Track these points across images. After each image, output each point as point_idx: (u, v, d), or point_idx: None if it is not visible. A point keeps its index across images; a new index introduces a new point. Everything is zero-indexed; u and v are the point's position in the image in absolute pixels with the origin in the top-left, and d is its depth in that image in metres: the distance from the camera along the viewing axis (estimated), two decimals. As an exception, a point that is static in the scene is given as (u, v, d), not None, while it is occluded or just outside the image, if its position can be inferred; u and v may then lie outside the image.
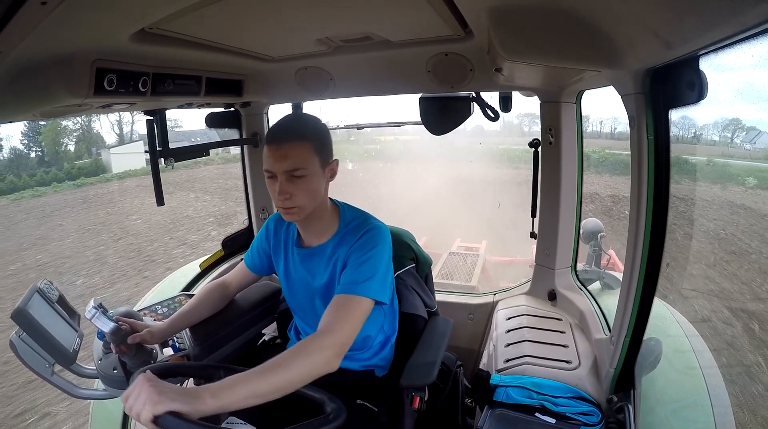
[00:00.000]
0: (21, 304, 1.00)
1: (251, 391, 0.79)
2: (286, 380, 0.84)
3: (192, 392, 0.77)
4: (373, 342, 1.21)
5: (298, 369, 0.85)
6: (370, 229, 1.07)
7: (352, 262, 1.04)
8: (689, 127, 15.07)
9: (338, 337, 0.92)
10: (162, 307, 1.39)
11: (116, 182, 16.18)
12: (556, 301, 1.63)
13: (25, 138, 22.95)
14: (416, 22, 1.10)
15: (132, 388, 0.76)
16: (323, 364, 0.88)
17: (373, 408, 1.14)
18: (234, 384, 0.80)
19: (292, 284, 1.22)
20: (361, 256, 1.04)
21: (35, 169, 20.99)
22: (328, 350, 0.89)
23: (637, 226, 0.92)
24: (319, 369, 0.88)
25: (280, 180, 1.01)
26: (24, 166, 21.64)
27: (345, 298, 0.99)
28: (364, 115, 3.29)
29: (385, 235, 1.09)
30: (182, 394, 0.75)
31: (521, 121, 18.21)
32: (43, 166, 21.35)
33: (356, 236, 1.07)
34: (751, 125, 17.13)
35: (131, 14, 0.79)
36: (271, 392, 0.82)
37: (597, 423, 1.07)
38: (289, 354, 0.87)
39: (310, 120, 1.09)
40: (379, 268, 1.03)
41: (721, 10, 0.45)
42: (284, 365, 0.84)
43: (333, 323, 0.94)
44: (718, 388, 1.10)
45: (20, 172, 19.95)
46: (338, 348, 0.91)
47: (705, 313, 5.00)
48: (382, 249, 1.06)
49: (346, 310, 0.97)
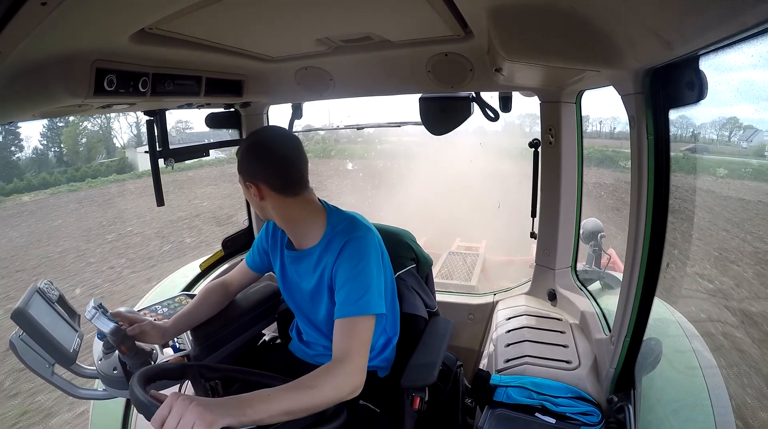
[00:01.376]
0: (21, 305, 0.99)
1: (284, 408, 0.81)
2: (315, 401, 0.85)
3: (233, 404, 0.77)
4: (375, 344, 1.21)
5: (328, 392, 0.87)
6: (350, 239, 1.06)
7: (342, 280, 1.04)
8: (687, 126, 15.46)
9: (359, 364, 0.94)
10: (162, 307, 1.39)
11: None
12: (556, 301, 1.63)
13: (44, 138, 23.85)
14: (416, 22, 1.10)
15: (166, 410, 0.72)
16: (351, 390, 0.91)
17: (375, 409, 1.14)
18: (268, 399, 0.81)
19: (288, 285, 1.23)
20: (350, 272, 1.03)
21: (55, 167, 22.06)
22: (356, 378, 0.92)
23: (637, 226, 0.92)
24: (345, 394, 0.90)
25: None
26: (45, 165, 22.55)
27: (349, 321, 1.00)
28: (365, 115, 3.30)
29: (368, 242, 1.07)
30: (228, 407, 0.75)
31: (522, 122, 18.41)
32: (62, 166, 22.43)
33: (340, 245, 1.06)
34: (748, 124, 17.66)
35: (131, 14, 0.79)
36: (300, 411, 0.84)
37: (597, 423, 1.07)
38: (319, 377, 0.88)
39: (248, 139, 1.15)
40: (372, 280, 1.03)
41: (721, 10, 0.45)
42: (316, 387, 0.86)
43: (350, 350, 0.95)
44: (718, 388, 1.10)
45: (41, 170, 21.12)
46: (362, 375, 0.93)
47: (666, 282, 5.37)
48: (369, 259, 1.05)
49: (354, 333, 0.98)
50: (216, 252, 1.94)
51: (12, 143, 21.99)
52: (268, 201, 1.08)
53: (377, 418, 1.14)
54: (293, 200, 1.09)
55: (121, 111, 1.45)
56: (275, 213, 1.11)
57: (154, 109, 1.46)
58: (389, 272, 1.21)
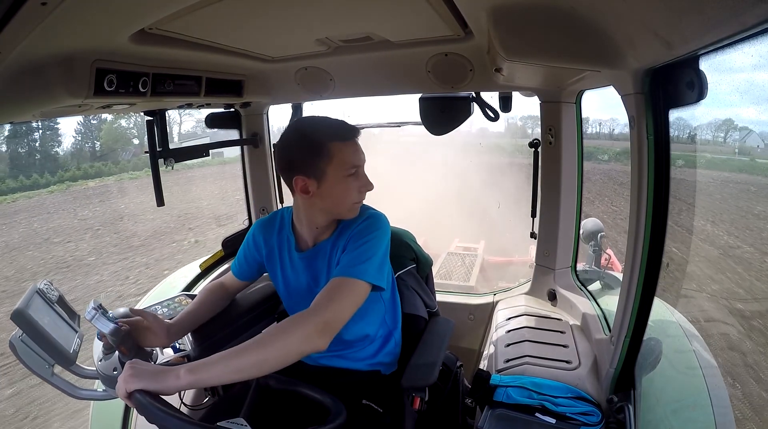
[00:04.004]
0: (20, 305, 0.99)
1: (229, 366, 0.82)
2: (264, 357, 0.84)
3: (166, 370, 0.81)
4: (375, 337, 1.20)
5: (278, 346, 0.85)
6: (369, 216, 1.09)
7: (350, 247, 1.04)
8: (682, 127, 16.17)
9: (322, 314, 0.90)
10: (162, 308, 1.39)
11: (197, 169, 19.24)
12: (556, 301, 1.63)
13: (78, 134, 26.54)
14: (416, 22, 1.10)
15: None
16: (302, 340, 0.86)
17: (378, 409, 1.13)
18: (213, 360, 0.82)
19: (292, 290, 1.20)
20: (359, 240, 1.03)
21: (91, 161, 24.05)
22: (309, 327, 0.88)
23: (637, 226, 0.92)
24: (299, 346, 0.86)
25: (361, 173, 1.06)
26: (82, 159, 24.78)
27: (339, 280, 0.98)
28: (365, 116, 3.31)
29: (384, 222, 1.10)
30: (154, 373, 0.80)
31: (524, 124, 18.91)
32: (98, 160, 24.44)
33: (355, 223, 1.07)
34: (743, 125, 18.45)
35: (131, 14, 0.79)
36: (248, 368, 0.83)
37: (597, 423, 1.07)
38: (269, 331, 0.88)
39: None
40: (377, 252, 1.02)
41: (721, 10, 0.45)
42: (264, 342, 0.85)
43: (320, 302, 0.93)
44: (718, 388, 1.10)
45: (81, 163, 23.18)
46: (321, 325, 0.89)
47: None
48: (382, 235, 1.06)
49: (337, 290, 0.96)
50: (216, 252, 1.94)
51: (51, 139, 24.41)
52: (317, 193, 1.05)
53: (380, 418, 1.13)
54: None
55: (121, 111, 1.45)
56: (322, 205, 1.07)
57: (154, 109, 1.46)
58: (390, 265, 1.20)
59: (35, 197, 16.16)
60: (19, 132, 22.03)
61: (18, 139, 22.52)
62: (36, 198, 16.04)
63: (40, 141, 23.62)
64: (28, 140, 23.11)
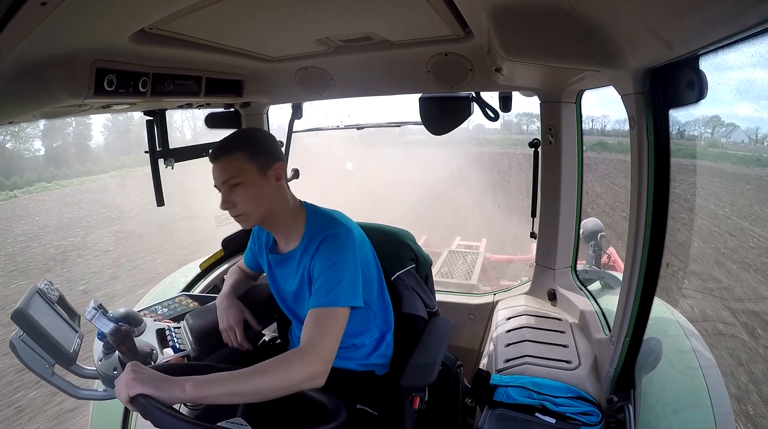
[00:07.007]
0: (21, 305, 0.99)
1: (231, 389, 0.84)
2: (266, 387, 0.86)
3: (171, 380, 0.82)
4: (365, 341, 1.21)
5: (280, 379, 0.87)
6: (327, 237, 1.06)
7: (316, 274, 1.05)
8: (674, 125, 17.50)
9: (320, 353, 0.93)
10: (162, 308, 1.39)
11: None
12: (556, 301, 1.63)
13: (105, 130, 28.95)
14: (416, 22, 1.10)
15: (122, 373, 0.83)
16: (305, 379, 0.90)
17: (372, 412, 1.13)
18: (216, 380, 0.84)
19: (277, 287, 1.25)
20: (324, 265, 1.04)
21: (121, 154, 25.04)
22: (312, 366, 0.91)
23: (637, 226, 0.92)
24: (301, 383, 0.90)
25: (222, 191, 1.08)
26: (113, 151, 26.30)
27: (318, 312, 1.00)
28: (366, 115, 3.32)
29: (344, 238, 1.07)
30: (158, 381, 0.80)
31: (520, 120, 19.19)
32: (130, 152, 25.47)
33: (317, 243, 1.07)
34: (729, 122, 19.80)
35: (131, 14, 0.79)
36: (248, 394, 0.86)
37: (597, 423, 1.07)
38: (273, 362, 0.89)
39: (245, 132, 1.20)
40: (345, 274, 1.02)
41: (721, 10, 0.45)
42: (267, 372, 0.87)
43: (313, 339, 0.95)
44: (718, 388, 1.10)
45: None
46: (322, 365, 0.92)
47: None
48: (345, 253, 1.05)
49: (322, 323, 0.98)
50: (216, 252, 1.94)
51: (84, 133, 26.45)
52: (283, 186, 1.13)
53: (374, 421, 1.13)
54: (287, 189, 1.15)
55: (121, 111, 1.45)
56: (277, 201, 1.11)
57: (154, 109, 1.46)
58: (378, 268, 1.22)
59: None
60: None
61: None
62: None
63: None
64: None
